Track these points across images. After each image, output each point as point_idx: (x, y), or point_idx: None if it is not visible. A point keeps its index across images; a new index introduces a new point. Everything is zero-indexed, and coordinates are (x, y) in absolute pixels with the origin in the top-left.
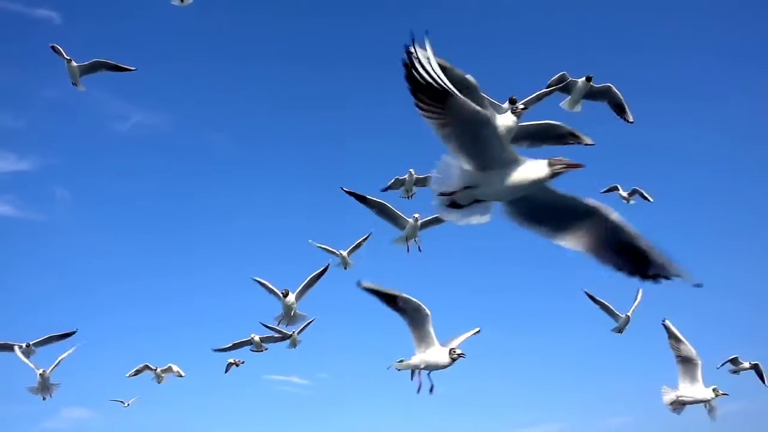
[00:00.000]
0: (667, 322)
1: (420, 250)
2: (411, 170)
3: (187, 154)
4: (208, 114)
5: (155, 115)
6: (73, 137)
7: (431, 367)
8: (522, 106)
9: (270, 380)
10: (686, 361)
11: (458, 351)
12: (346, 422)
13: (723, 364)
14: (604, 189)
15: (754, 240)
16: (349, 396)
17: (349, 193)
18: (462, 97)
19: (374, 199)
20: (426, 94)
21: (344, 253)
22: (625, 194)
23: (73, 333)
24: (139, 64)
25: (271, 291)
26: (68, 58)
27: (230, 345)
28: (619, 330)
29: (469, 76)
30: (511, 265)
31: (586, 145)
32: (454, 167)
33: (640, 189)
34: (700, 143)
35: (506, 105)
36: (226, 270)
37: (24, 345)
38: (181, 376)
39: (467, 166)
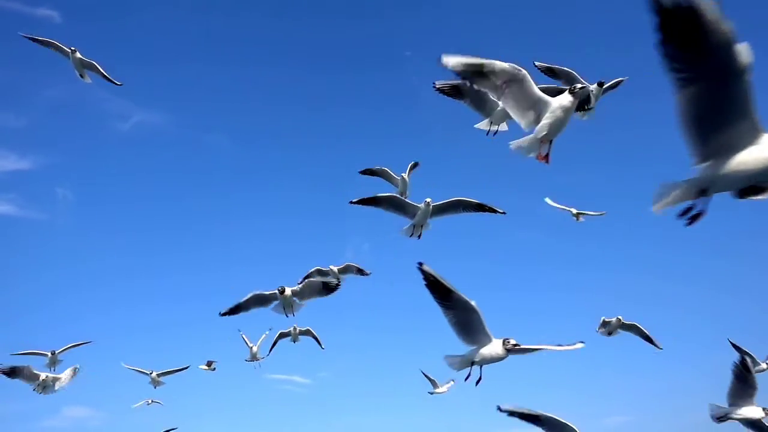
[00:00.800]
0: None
1: (419, 237)
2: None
3: (188, 154)
4: (209, 114)
5: (156, 114)
6: (75, 136)
7: (487, 361)
8: (580, 86)
9: (271, 379)
10: (746, 386)
11: (512, 341)
12: (347, 421)
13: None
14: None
15: (756, 239)
16: (349, 395)
17: (359, 202)
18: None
19: (383, 195)
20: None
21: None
22: (574, 211)
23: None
24: (140, 63)
25: (268, 300)
26: (73, 48)
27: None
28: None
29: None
30: (511, 266)
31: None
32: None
33: (586, 211)
34: None
35: (594, 86)
36: (226, 268)
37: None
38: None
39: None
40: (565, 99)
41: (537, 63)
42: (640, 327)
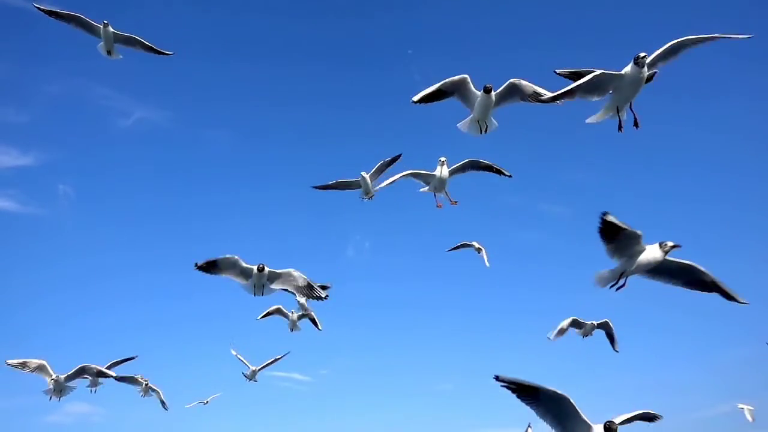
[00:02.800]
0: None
1: (455, 203)
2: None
3: (189, 150)
4: (210, 110)
5: (157, 111)
6: (76, 133)
7: None
8: (643, 54)
9: (271, 376)
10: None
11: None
12: (347, 418)
13: None
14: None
15: (756, 237)
16: (349, 392)
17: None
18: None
19: (401, 174)
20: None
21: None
22: (476, 245)
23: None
24: (141, 60)
25: (244, 272)
26: (105, 21)
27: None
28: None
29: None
30: (510, 264)
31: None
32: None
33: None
34: (702, 142)
35: (481, 93)
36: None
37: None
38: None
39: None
40: (630, 68)
41: (558, 71)
42: (610, 324)
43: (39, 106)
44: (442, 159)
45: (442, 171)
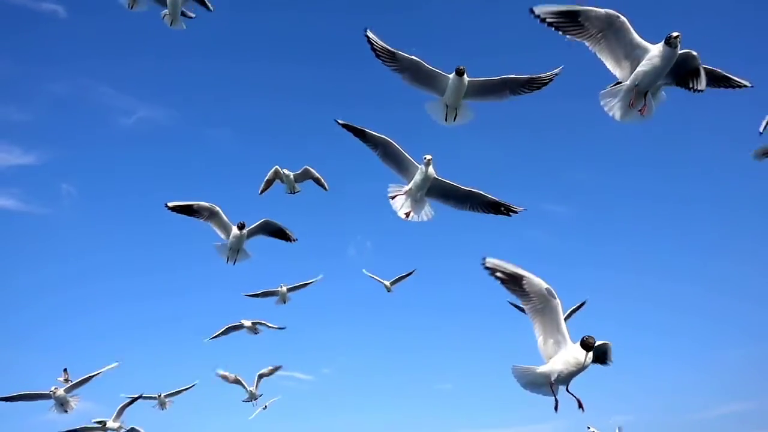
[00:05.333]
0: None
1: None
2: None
3: (192, 149)
4: (213, 109)
5: (160, 109)
6: (78, 131)
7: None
8: (676, 34)
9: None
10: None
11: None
12: (349, 418)
13: None
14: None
15: (756, 238)
16: (351, 392)
17: (346, 126)
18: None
19: (386, 137)
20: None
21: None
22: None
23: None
24: (144, 59)
25: (222, 225)
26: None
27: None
28: None
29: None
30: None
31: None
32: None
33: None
34: (702, 143)
35: (452, 75)
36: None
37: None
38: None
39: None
40: (662, 46)
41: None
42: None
43: (41, 104)
44: (428, 157)
45: (428, 170)
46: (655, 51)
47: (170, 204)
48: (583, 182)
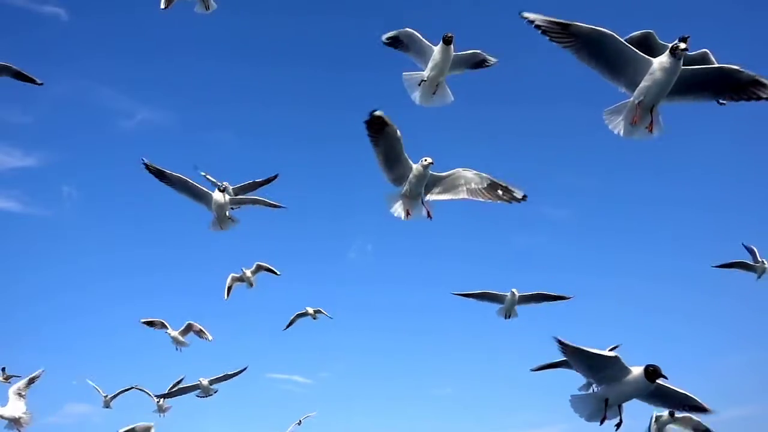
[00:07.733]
0: None
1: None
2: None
3: (193, 151)
4: (214, 111)
5: (161, 111)
6: (80, 133)
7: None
8: (683, 40)
9: (272, 379)
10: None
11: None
12: (347, 421)
13: None
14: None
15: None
16: (350, 395)
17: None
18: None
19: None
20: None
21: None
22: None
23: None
24: (145, 61)
25: (200, 196)
26: None
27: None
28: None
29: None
30: (510, 270)
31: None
32: None
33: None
34: (703, 144)
35: (440, 45)
36: (230, 267)
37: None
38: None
39: None
40: (665, 58)
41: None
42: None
43: (43, 106)
44: (428, 160)
45: (425, 171)
46: (657, 64)
47: (148, 163)
48: (583, 186)
